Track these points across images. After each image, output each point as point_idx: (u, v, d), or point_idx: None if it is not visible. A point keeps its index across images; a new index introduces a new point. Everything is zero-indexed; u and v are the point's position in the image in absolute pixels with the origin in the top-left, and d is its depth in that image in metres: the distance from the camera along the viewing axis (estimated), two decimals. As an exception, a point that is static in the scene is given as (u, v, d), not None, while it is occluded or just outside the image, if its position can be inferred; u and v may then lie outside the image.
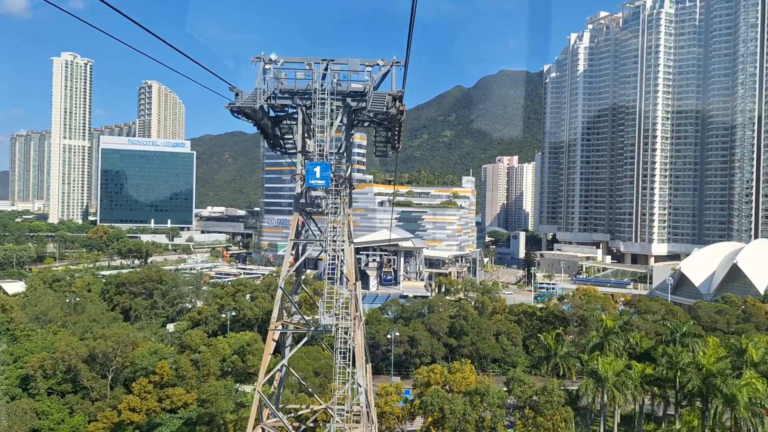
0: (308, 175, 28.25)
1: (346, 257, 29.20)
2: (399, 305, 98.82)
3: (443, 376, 51.66)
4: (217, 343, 68.51)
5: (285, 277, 29.47)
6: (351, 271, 28.96)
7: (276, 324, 29.38)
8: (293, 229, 29.61)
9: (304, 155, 30.24)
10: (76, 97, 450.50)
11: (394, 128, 32.59)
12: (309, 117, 29.83)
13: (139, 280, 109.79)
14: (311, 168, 28.26)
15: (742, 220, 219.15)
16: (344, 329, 28.07)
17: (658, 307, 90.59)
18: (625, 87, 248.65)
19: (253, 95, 29.11)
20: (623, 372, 54.29)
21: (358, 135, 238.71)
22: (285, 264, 29.69)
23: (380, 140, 36.19)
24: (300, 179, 29.21)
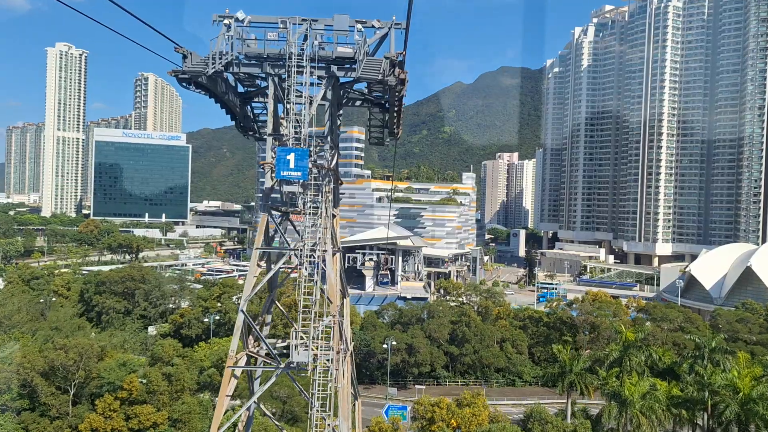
0: (279, 164, 21.77)
1: (328, 271, 22.73)
2: (396, 309, 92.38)
3: (450, 412, 44.47)
4: (194, 353, 62.10)
5: (248, 297, 22.96)
6: (335, 289, 22.51)
7: (236, 358, 22.89)
8: (260, 234, 23.17)
9: (275, 139, 23.72)
10: (70, 88, 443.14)
11: (392, 107, 26.06)
12: (283, 90, 23.29)
13: (120, 280, 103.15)
14: (283, 156, 21.77)
15: (749, 220, 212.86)
16: (324, 368, 21.60)
17: (675, 315, 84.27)
18: (631, 82, 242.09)
19: (207, 59, 22.51)
20: (649, 394, 47.93)
21: (356, 129, 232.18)
22: (249, 279, 23.35)
23: (376, 124, 29.68)
24: (269, 170, 22.68)
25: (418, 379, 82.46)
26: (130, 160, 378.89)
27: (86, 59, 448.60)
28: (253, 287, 23.06)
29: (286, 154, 21.75)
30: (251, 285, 23.10)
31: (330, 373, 21.83)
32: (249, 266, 23.80)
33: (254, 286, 23.09)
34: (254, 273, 23.51)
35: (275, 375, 23.58)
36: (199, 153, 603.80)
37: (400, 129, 28.93)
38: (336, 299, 22.81)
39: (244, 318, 22.96)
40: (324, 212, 23.08)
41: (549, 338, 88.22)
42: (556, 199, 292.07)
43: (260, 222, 23.66)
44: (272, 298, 26.66)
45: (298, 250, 22.64)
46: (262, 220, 23.70)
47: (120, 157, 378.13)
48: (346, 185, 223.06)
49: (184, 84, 22.97)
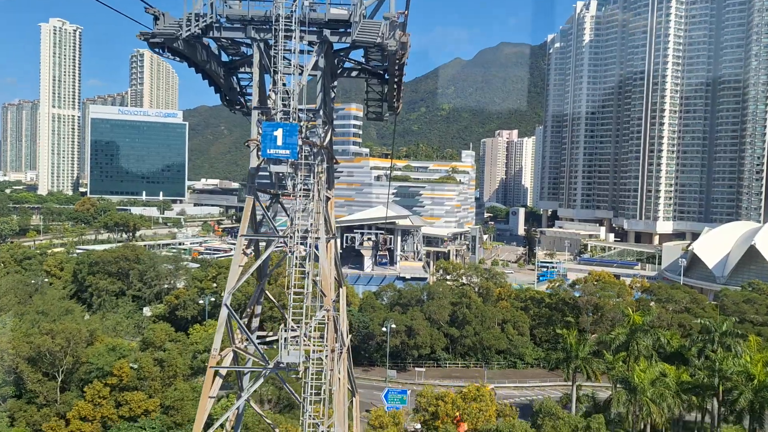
0: (265, 141, 19.39)
1: (321, 259, 20.50)
2: (395, 290, 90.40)
3: (456, 406, 42.19)
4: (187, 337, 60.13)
5: (233, 289, 20.74)
6: (328, 280, 20.32)
7: (219, 356, 20.75)
8: (245, 219, 20.88)
9: (262, 113, 21.32)
10: (65, 64, 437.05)
11: (392, 77, 23.60)
12: (270, 58, 20.83)
13: (114, 260, 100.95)
14: (270, 131, 19.39)
15: (751, 198, 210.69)
16: (316, 368, 19.47)
17: (681, 296, 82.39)
18: (633, 58, 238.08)
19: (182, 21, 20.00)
20: (658, 380, 46.10)
21: (354, 105, 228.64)
22: (233, 268, 21.14)
23: (374, 98, 27.21)
24: (255, 148, 20.32)
25: (417, 361, 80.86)
26: (127, 138, 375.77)
27: (80, 35, 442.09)
28: (239, 277, 20.89)
29: (273, 130, 19.40)
30: (236, 275, 20.89)
31: (324, 375, 19.78)
32: (233, 254, 21.60)
33: (240, 276, 20.92)
34: (239, 262, 21.30)
35: (263, 376, 21.55)
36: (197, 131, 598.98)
37: (400, 102, 26.54)
38: (330, 291, 20.64)
39: (229, 312, 20.80)
40: (316, 195, 20.80)
41: (551, 319, 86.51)
42: (556, 177, 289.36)
43: (245, 206, 21.40)
44: (261, 288, 24.47)
45: (287, 237, 20.40)
46: (248, 203, 21.42)
47: (116, 135, 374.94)
48: (344, 163, 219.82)
49: (157, 49, 20.52)
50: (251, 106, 24.03)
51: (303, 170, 20.58)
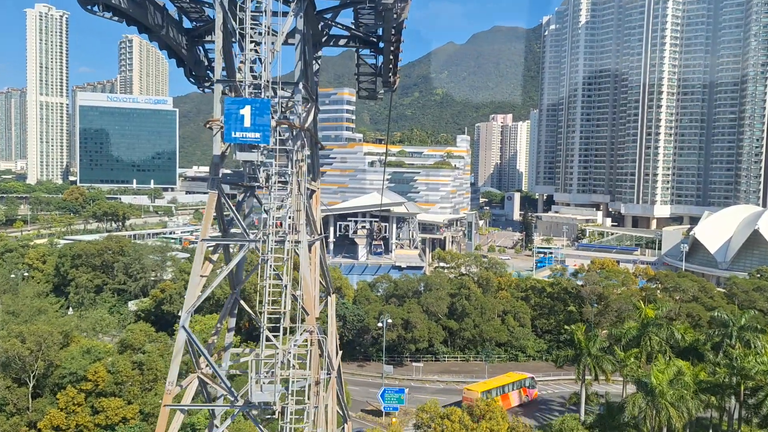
0: (230, 122, 15.51)
1: (303, 268, 16.71)
2: (391, 281, 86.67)
3: (463, 426, 37.87)
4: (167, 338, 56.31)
5: (192, 307, 16.92)
6: (312, 294, 16.47)
7: (177, 389, 16.98)
8: (206, 220, 17.04)
9: (229, 88, 17.41)
10: (52, 51, 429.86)
11: (388, 44, 19.69)
12: (236, 19, 16.88)
13: (97, 252, 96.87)
14: (235, 109, 15.50)
15: (750, 180, 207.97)
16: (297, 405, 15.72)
17: (689, 285, 79.03)
18: (630, 39, 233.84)
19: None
20: (677, 380, 42.69)
21: (347, 90, 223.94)
22: (192, 281, 17.39)
23: (366, 72, 23.27)
24: (218, 130, 16.44)
25: (415, 355, 77.44)
26: (116, 125, 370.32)
27: (67, 20, 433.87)
28: (202, 292, 17.15)
29: (239, 108, 15.56)
30: (197, 289, 17.13)
31: (306, 414, 16.13)
32: (193, 263, 17.80)
33: (203, 290, 17.18)
34: (201, 272, 17.53)
35: (231, 417, 17.89)
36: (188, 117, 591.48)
37: (397, 77, 22.68)
38: (314, 308, 16.93)
39: (188, 336, 17.05)
40: (296, 188, 17.01)
41: (553, 309, 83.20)
42: (552, 161, 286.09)
43: (208, 202, 17.58)
44: (235, 297, 20.72)
45: (259, 241, 16.64)
46: (210, 200, 17.58)
47: (105, 122, 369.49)
48: (337, 149, 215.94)
49: (88, 7, 16.54)
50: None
51: (279, 158, 16.85)
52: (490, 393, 63.59)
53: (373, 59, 22.22)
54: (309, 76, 18.65)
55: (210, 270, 18.23)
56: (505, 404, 65.11)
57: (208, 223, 17.77)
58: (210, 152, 18.18)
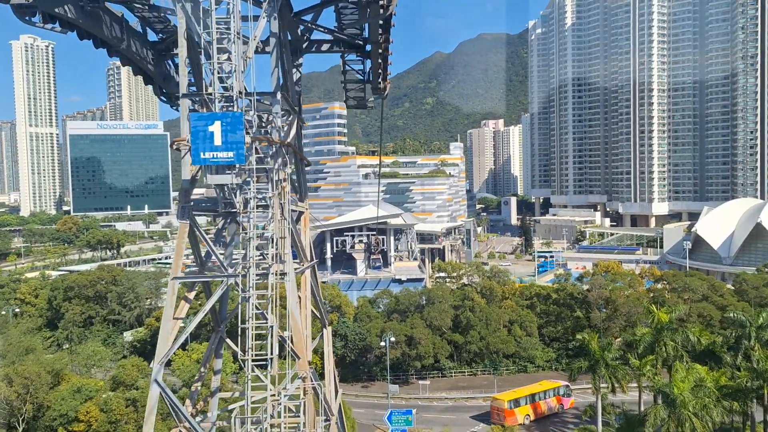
0: (197, 140, 13.46)
1: (291, 304, 14.60)
2: (392, 296, 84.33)
3: None
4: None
5: (165, 357, 14.79)
6: (302, 334, 14.35)
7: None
8: (178, 254, 14.90)
9: (198, 104, 15.38)
10: (39, 82, 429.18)
11: (375, 46, 17.73)
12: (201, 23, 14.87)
13: (89, 283, 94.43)
14: (202, 126, 13.44)
15: (747, 173, 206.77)
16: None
17: (698, 284, 76.94)
18: (618, 39, 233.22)
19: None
20: (698, 388, 40.50)
21: (338, 104, 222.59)
22: (164, 326, 15.27)
23: (353, 79, 21.28)
24: (186, 150, 14.39)
25: (420, 372, 75.04)
26: (107, 153, 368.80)
27: (53, 50, 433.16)
28: (175, 339, 15.01)
29: (208, 124, 13.54)
30: (170, 336, 14.96)
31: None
32: (165, 304, 15.71)
33: (177, 336, 15.05)
34: (172, 315, 15.41)
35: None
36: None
37: (387, 83, 20.71)
38: (306, 350, 14.85)
39: (162, 391, 14.93)
40: (278, 212, 14.96)
41: (560, 316, 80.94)
42: (547, 164, 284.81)
43: (178, 234, 15.51)
44: (220, 336, 18.60)
45: (237, 276, 14.57)
46: (181, 231, 15.51)
47: (96, 150, 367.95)
48: (331, 163, 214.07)
49: (27, 18, 14.53)
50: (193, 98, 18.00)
51: (256, 180, 14.81)
52: (517, 402, 61.65)
53: (360, 65, 20.29)
54: (289, 85, 16.69)
55: (186, 311, 16.16)
56: (537, 414, 63.08)
57: (180, 258, 15.70)
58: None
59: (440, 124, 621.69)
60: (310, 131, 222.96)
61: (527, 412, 62.43)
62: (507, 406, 60.65)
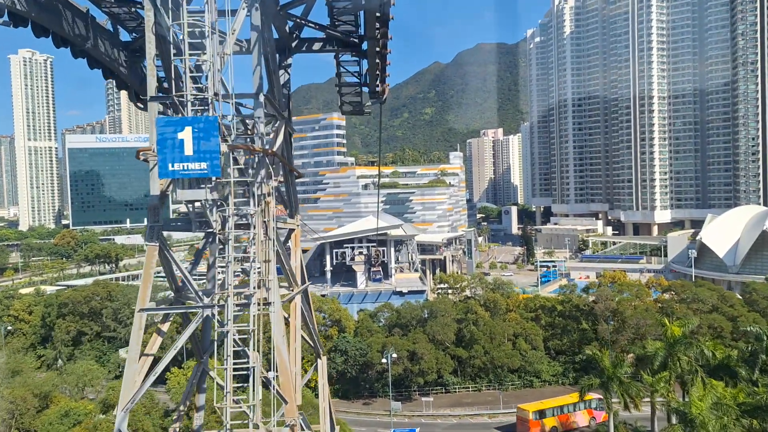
0: (164, 149, 11.60)
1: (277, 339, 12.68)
2: (393, 310, 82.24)
3: None
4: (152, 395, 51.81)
5: (130, 404, 12.83)
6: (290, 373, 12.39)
7: None
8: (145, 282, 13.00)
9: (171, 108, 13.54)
10: (38, 96, 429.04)
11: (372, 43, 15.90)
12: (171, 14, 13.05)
13: (84, 299, 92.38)
14: (170, 133, 11.59)
15: (749, 180, 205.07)
16: None
17: (708, 294, 74.95)
18: (617, 47, 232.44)
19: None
20: (717, 406, 38.41)
21: (336, 115, 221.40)
22: (129, 366, 13.34)
23: (348, 83, 19.46)
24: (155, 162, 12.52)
25: (423, 388, 72.82)
26: (106, 166, 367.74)
27: (52, 64, 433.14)
28: (144, 380, 13.07)
29: (177, 130, 11.72)
30: (136, 377, 13.00)
31: None
32: (130, 342, 13.78)
33: (146, 377, 13.09)
34: (139, 351, 13.48)
35: None
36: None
37: (386, 85, 18.88)
38: (294, 394, 12.92)
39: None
40: (261, 231, 13.08)
41: (566, 329, 78.87)
42: (547, 173, 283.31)
43: (146, 258, 13.64)
44: (203, 368, 16.67)
45: (213, 307, 12.68)
46: (149, 255, 13.66)
47: (95, 164, 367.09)
48: (330, 174, 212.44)
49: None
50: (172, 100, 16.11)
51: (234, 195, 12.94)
52: (543, 413, 59.67)
53: (356, 66, 18.49)
54: (275, 87, 14.88)
55: (158, 345, 14.26)
56: (565, 426, 60.96)
57: (148, 287, 13.81)
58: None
59: (439, 134, 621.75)
60: (309, 142, 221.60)
61: (554, 423, 60.34)
62: (532, 417, 59.01)
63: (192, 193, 12.53)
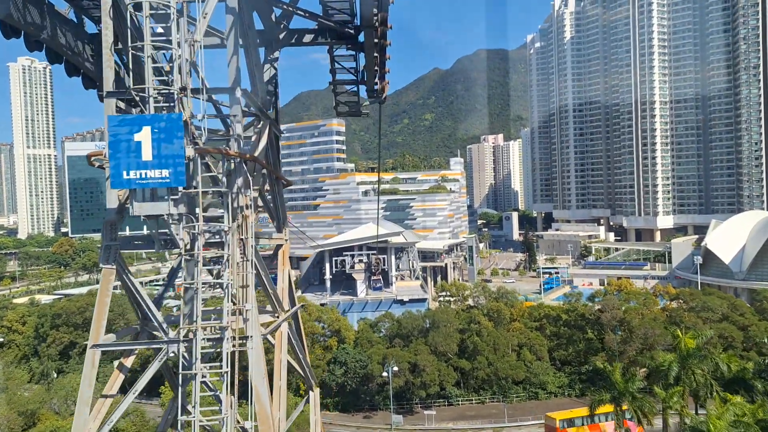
0: (116, 153, 9.64)
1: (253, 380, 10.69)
2: (394, 320, 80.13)
3: None
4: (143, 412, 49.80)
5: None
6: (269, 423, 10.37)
7: None
8: (99, 312, 11.05)
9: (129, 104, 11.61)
10: (37, 103, 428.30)
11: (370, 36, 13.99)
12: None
13: (78, 310, 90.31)
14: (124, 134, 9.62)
15: (752, 185, 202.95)
16: None
17: (718, 303, 72.83)
18: (618, 51, 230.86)
19: None
20: (736, 423, 36.37)
21: (336, 121, 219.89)
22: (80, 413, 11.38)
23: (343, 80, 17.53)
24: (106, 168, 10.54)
25: (426, 401, 70.74)
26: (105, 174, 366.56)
27: (51, 72, 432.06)
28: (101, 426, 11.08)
29: (133, 130, 9.77)
30: (92, 423, 11.09)
31: None
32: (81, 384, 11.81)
33: (103, 424, 11.15)
34: (90, 394, 11.48)
35: None
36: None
37: (385, 82, 16.95)
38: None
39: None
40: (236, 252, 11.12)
41: (571, 339, 76.85)
42: (548, 178, 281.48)
43: (100, 285, 11.68)
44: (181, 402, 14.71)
45: (178, 342, 10.73)
46: (103, 280, 11.69)
47: (94, 171, 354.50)
48: (330, 181, 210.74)
49: None
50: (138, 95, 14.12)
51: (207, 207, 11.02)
52: (572, 422, 57.34)
53: (353, 61, 16.57)
54: (256, 81, 12.97)
55: (118, 385, 12.31)
56: None
57: (101, 319, 11.79)
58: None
59: (439, 140, 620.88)
60: (308, 148, 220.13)
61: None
62: (558, 425, 56.78)
63: (152, 206, 10.54)
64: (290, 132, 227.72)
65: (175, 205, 10.56)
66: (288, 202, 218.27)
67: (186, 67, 10.78)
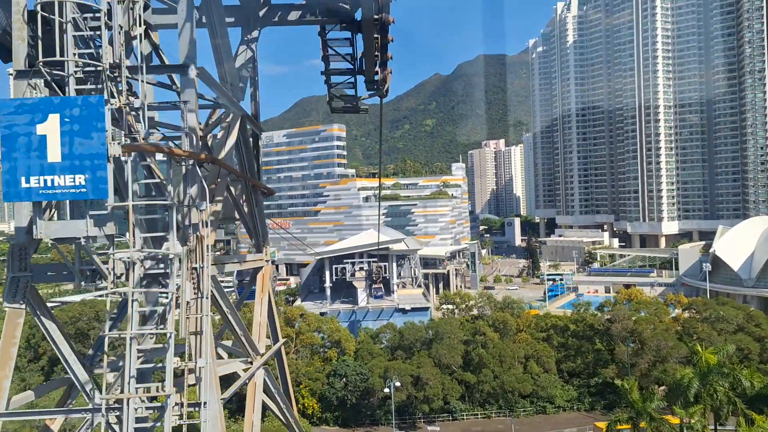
0: (11, 153, 6.95)
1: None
2: (396, 331, 77.24)
3: None
4: None
5: None
6: None
7: None
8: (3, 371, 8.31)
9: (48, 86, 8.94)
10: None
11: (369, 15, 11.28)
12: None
13: (70, 320, 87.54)
14: (21, 124, 6.94)
15: (758, 190, 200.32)
16: None
17: (733, 313, 69.98)
18: (621, 55, 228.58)
19: None
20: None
21: (336, 126, 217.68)
22: None
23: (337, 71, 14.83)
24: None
25: (429, 416, 67.86)
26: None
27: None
28: None
29: (34, 119, 7.00)
30: None
31: None
32: None
33: None
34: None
35: None
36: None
37: (387, 71, 14.25)
38: None
39: None
40: (187, 288, 8.39)
41: (579, 350, 73.99)
42: (551, 184, 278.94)
43: (4, 327, 8.96)
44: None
45: (112, 410, 8.05)
46: (7, 326, 8.94)
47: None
48: (330, 186, 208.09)
49: None
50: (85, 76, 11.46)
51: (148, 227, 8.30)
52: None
53: (349, 46, 13.90)
54: (223, 62, 10.30)
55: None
56: None
57: (5, 378, 9.06)
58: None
59: (441, 145, 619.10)
60: (309, 154, 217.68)
61: None
62: None
63: (63, 226, 7.78)
64: (291, 137, 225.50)
65: (96, 225, 7.87)
66: (288, 208, 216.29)
67: (120, 38, 8.14)
